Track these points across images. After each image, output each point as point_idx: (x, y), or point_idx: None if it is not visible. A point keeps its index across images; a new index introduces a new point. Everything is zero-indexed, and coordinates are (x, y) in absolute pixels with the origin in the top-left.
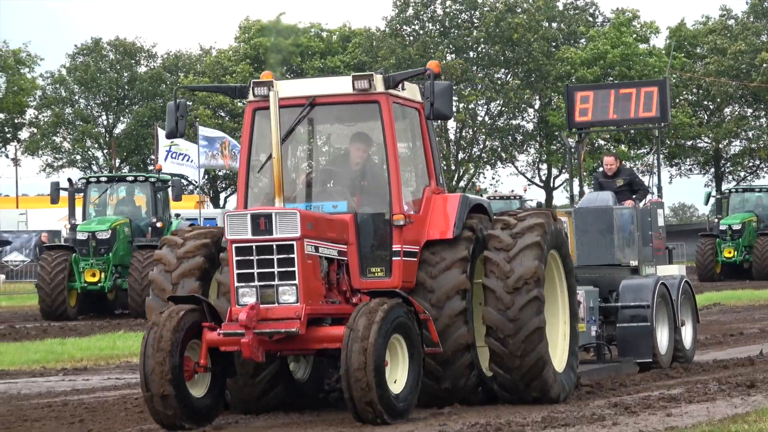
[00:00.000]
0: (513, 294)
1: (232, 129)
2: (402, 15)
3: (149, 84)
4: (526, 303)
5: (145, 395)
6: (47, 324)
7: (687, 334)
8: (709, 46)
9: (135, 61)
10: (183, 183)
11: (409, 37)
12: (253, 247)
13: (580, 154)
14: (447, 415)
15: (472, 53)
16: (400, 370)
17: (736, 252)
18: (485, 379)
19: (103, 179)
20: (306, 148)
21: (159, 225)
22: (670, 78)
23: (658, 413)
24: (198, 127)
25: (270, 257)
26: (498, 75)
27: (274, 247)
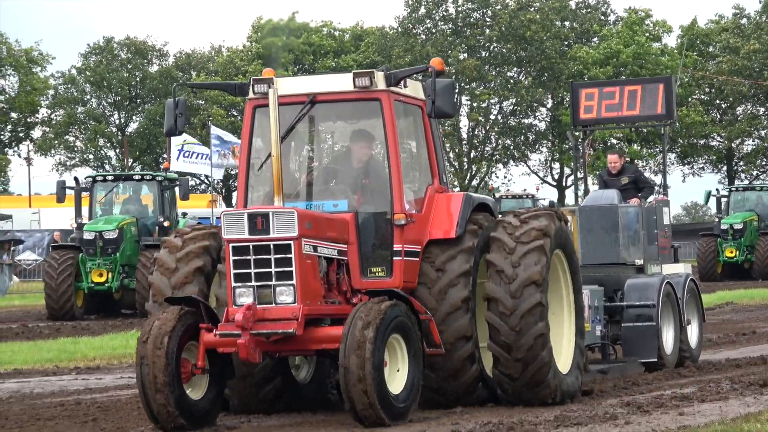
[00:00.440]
0: (516, 300)
1: None
2: (414, 14)
3: (160, 82)
4: (528, 309)
5: (142, 398)
6: (60, 323)
7: (693, 333)
8: (722, 45)
9: (147, 60)
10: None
11: (421, 36)
12: (250, 247)
13: (584, 152)
14: (459, 414)
15: (484, 52)
16: (400, 370)
17: (737, 252)
18: (488, 380)
19: (109, 178)
20: (307, 146)
21: (166, 224)
22: (682, 77)
23: (670, 412)
24: (210, 126)
25: (267, 257)
26: (510, 74)
27: (272, 246)
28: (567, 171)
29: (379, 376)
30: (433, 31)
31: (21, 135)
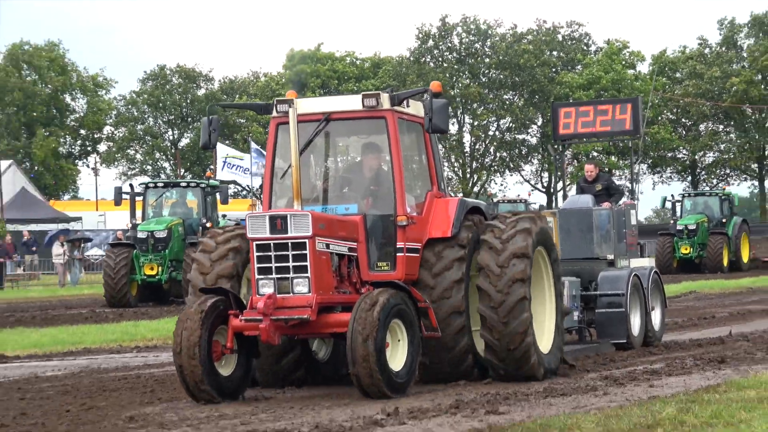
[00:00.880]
0: (503, 295)
1: None
2: (424, 46)
3: (207, 104)
4: (514, 303)
5: (179, 374)
6: (123, 310)
7: (656, 317)
8: (688, 71)
9: (195, 85)
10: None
11: (430, 64)
12: (271, 244)
13: (563, 162)
14: (462, 386)
15: (484, 78)
16: (400, 351)
17: (691, 249)
18: (480, 360)
19: (160, 185)
20: (322, 157)
21: (208, 225)
22: (653, 99)
23: (642, 384)
24: (250, 141)
25: (285, 253)
26: (506, 96)
27: (289, 244)
28: (554, 179)
29: (381, 356)
30: (440, 60)
31: (89, 149)
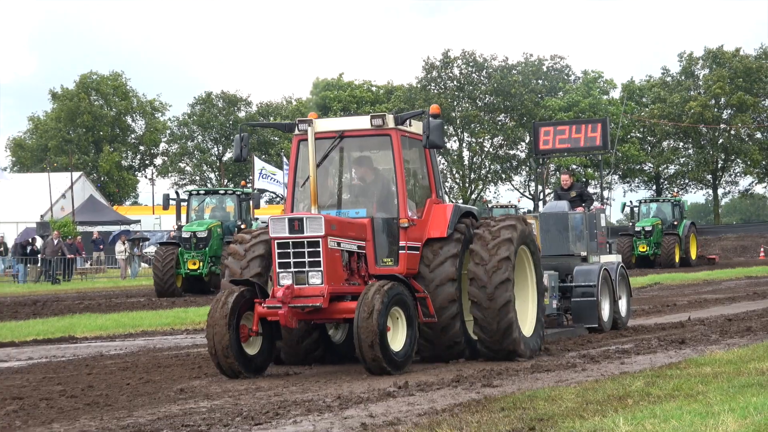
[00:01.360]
0: (490, 275)
1: None
2: (429, 75)
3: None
4: (500, 282)
5: (211, 352)
6: (174, 298)
7: (623, 305)
8: (653, 97)
9: (236, 108)
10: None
11: (434, 90)
12: (290, 243)
13: (542, 173)
14: (462, 363)
15: (480, 102)
16: (400, 334)
17: (648, 247)
18: (471, 342)
19: (201, 192)
20: (337, 169)
21: (243, 226)
22: (623, 120)
23: (614, 362)
24: (283, 156)
25: (302, 250)
26: (499, 118)
27: (305, 242)
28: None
29: (383, 338)
30: (443, 87)
31: (147, 162)
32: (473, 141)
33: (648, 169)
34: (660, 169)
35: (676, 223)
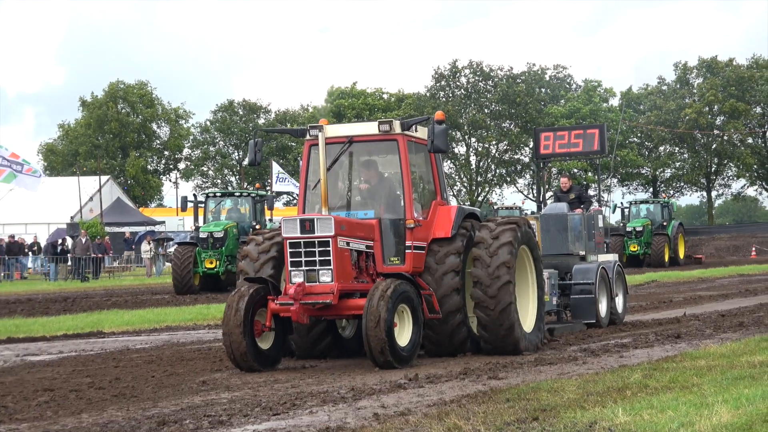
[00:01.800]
0: (492, 279)
1: None
2: (438, 84)
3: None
4: (501, 286)
5: (226, 346)
6: (197, 295)
7: (619, 302)
8: (649, 104)
9: (256, 115)
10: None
11: (443, 98)
12: (301, 242)
13: (543, 177)
14: (469, 357)
15: (486, 110)
16: (406, 330)
17: (638, 247)
18: (475, 338)
19: (218, 194)
20: (347, 173)
21: (257, 227)
22: (622, 127)
23: (614, 355)
24: (300, 161)
25: (313, 249)
26: (504, 124)
27: (316, 242)
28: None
29: (389, 334)
30: (452, 95)
31: (171, 166)
32: (480, 146)
33: (646, 173)
34: (657, 172)
35: (665, 223)
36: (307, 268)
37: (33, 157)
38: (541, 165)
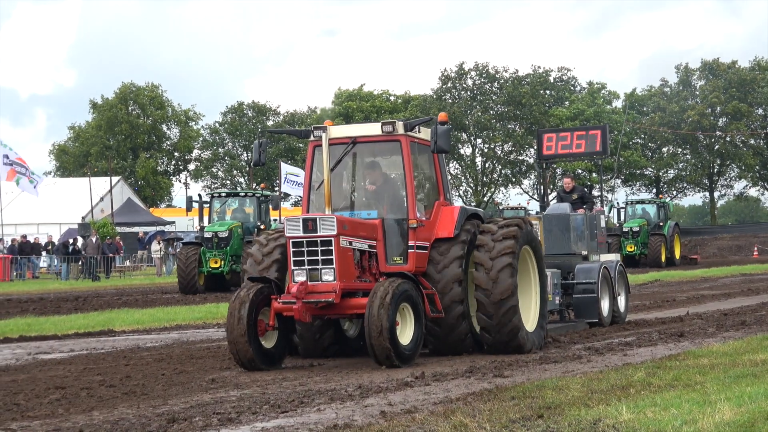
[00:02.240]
0: (494, 283)
1: None
2: (444, 86)
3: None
4: (503, 289)
5: (233, 354)
6: (206, 294)
7: (621, 301)
8: (653, 106)
9: (265, 117)
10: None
11: (449, 100)
12: (304, 241)
13: (546, 177)
14: (474, 355)
15: (492, 111)
16: (408, 328)
17: (635, 247)
18: (477, 338)
19: (223, 194)
20: (350, 173)
21: (262, 227)
22: (626, 128)
23: (617, 354)
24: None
25: (315, 248)
26: (509, 126)
27: (318, 241)
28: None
29: (392, 332)
30: (458, 97)
31: (181, 167)
32: (485, 147)
33: (649, 174)
34: (660, 173)
35: (661, 223)
36: (309, 267)
37: (45, 158)
38: (544, 166)
